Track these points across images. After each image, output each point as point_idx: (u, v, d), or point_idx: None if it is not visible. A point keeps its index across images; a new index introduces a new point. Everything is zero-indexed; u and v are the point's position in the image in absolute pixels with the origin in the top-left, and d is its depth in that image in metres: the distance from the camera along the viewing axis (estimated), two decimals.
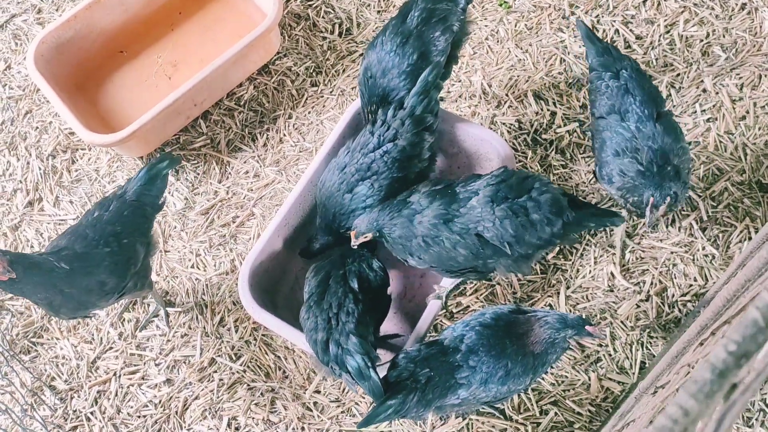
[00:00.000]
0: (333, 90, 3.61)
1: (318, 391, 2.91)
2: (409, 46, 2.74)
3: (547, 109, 3.40)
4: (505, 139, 3.34)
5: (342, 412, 2.86)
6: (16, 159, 3.57)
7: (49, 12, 4.01)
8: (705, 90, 3.37)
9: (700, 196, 3.11)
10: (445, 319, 2.97)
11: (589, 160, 3.26)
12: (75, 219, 3.35)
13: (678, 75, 3.42)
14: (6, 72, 3.85)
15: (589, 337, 2.23)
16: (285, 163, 3.44)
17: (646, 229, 2.58)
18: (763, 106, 3.29)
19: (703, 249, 3.02)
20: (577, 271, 3.04)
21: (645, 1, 3.63)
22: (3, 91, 3.77)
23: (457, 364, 2.26)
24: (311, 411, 2.87)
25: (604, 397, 2.79)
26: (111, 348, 3.07)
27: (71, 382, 3.01)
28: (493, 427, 2.77)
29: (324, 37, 3.77)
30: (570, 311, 2.94)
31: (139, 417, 2.93)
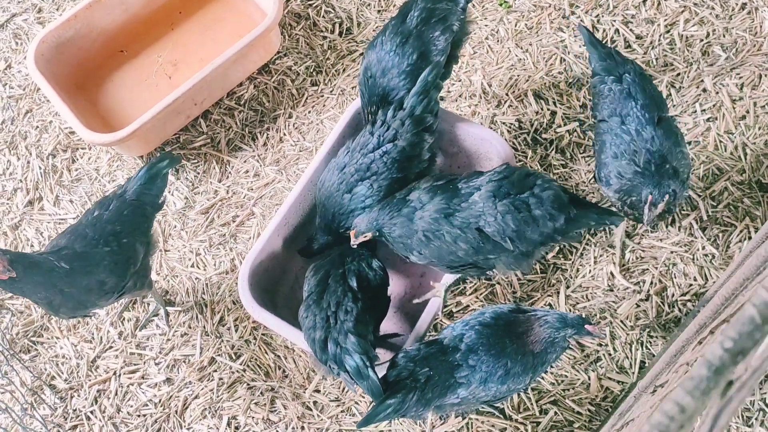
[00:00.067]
0: (333, 89, 3.61)
1: (318, 391, 2.91)
2: (409, 46, 2.74)
3: (547, 109, 3.40)
4: (505, 138, 3.34)
5: (342, 412, 2.86)
6: (16, 158, 3.57)
7: (49, 11, 4.02)
8: (705, 90, 3.37)
9: (700, 196, 3.11)
10: (445, 319, 2.97)
11: (589, 160, 3.26)
12: (75, 218, 3.35)
13: (678, 75, 3.42)
14: (6, 71, 3.85)
15: (589, 336, 2.23)
16: (285, 163, 3.44)
17: (646, 228, 2.58)
18: (763, 105, 3.29)
19: (703, 249, 3.02)
20: (577, 270, 3.04)
21: (645, 1, 3.63)
22: (3, 90, 3.78)
23: (456, 364, 2.26)
24: (311, 410, 2.87)
25: (604, 396, 2.79)
26: (111, 347, 3.08)
27: (71, 381, 3.02)
28: (492, 426, 2.77)
29: (324, 37, 3.77)
30: (570, 311, 2.94)
31: (139, 416, 2.93)
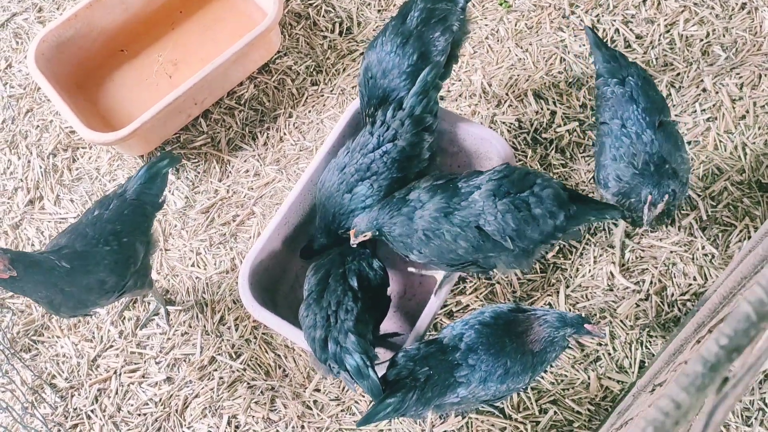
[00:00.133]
0: (333, 89, 3.62)
1: (318, 390, 2.92)
2: (409, 46, 2.74)
3: (547, 109, 3.40)
4: (505, 138, 3.34)
5: (342, 411, 2.86)
6: (17, 157, 3.57)
7: (49, 11, 4.02)
8: (705, 89, 3.37)
9: (699, 196, 3.12)
10: (445, 318, 2.98)
11: (589, 160, 3.26)
12: (75, 217, 3.36)
13: (678, 74, 3.42)
14: (7, 71, 3.85)
15: (589, 335, 2.24)
16: (285, 162, 3.44)
17: (646, 227, 2.58)
18: (763, 105, 3.29)
19: (703, 248, 3.02)
20: (577, 270, 3.05)
21: (645, 1, 3.63)
22: (4, 89, 3.78)
23: (456, 363, 2.26)
24: (311, 409, 2.88)
25: (604, 395, 2.80)
26: (111, 346, 3.08)
27: (72, 380, 3.02)
28: (492, 425, 2.77)
29: (324, 36, 3.77)
30: (570, 310, 2.95)
31: (139, 415, 2.93)
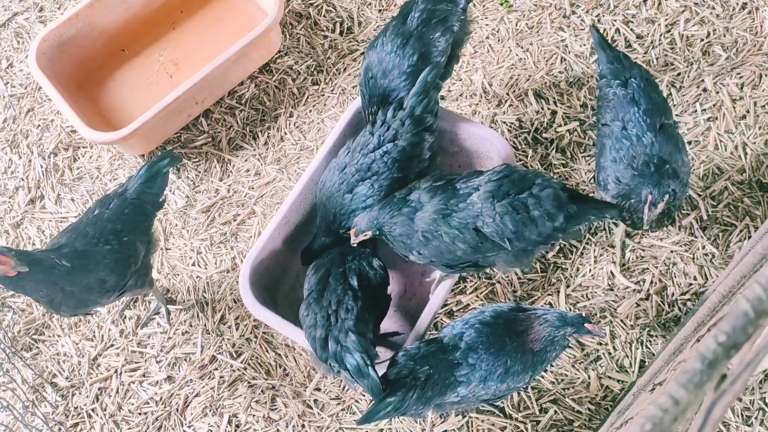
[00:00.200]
0: (334, 89, 3.62)
1: (318, 389, 2.92)
2: (410, 47, 2.74)
3: (548, 108, 3.40)
4: (506, 137, 3.34)
5: (342, 410, 2.87)
6: (18, 157, 3.58)
7: (50, 10, 4.02)
8: (705, 89, 3.37)
9: (700, 196, 3.12)
10: (445, 317, 2.98)
11: (589, 159, 3.27)
12: (76, 217, 3.36)
13: (678, 74, 3.43)
14: (8, 70, 3.86)
15: (589, 335, 2.24)
16: (286, 162, 3.45)
17: (646, 228, 2.58)
18: (764, 105, 3.29)
19: (703, 248, 3.02)
20: (577, 269, 3.05)
21: (646, 1, 3.64)
22: (5, 89, 3.79)
23: (456, 362, 2.26)
24: (312, 408, 2.88)
25: (604, 395, 2.80)
26: (112, 345, 3.08)
27: (72, 379, 3.03)
28: (492, 425, 2.78)
29: (325, 36, 3.77)
30: (570, 310, 2.95)
31: (140, 414, 2.94)
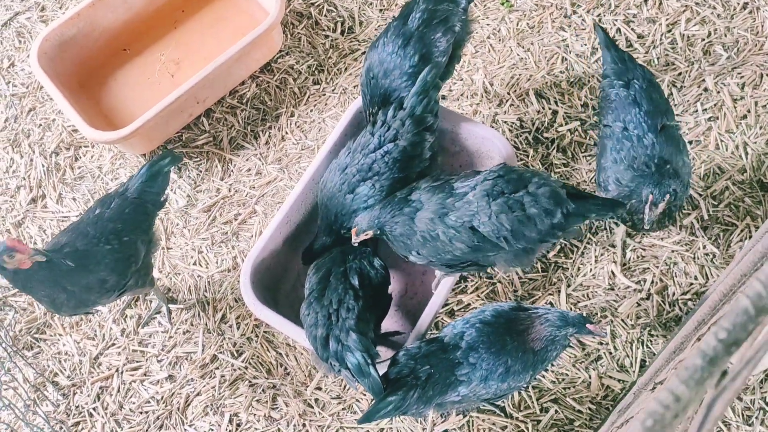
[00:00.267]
0: (335, 88, 3.62)
1: (319, 388, 2.92)
2: (411, 47, 2.74)
3: (549, 108, 3.41)
4: (507, 137, 3.34)
5: (343, 409, 2.87)
6: (19, 156, 3.58)
7: (52, 10, 4.03)
8: (706, 89, 3.37)
9: (700, 195, 3.12)
10: (446, 317, 2.98)
11: (590, 159, 3.27)
12: (78, 216, 3.36)
13: (679, 74, 3.43)
14: (9, 69, 3.86)
15: (590, 335, 2.24)
16: (287, 161, 3.45)
17: (647, 228, 2.58)
18: (765, 105, 3.29)
19: (704, 248, 3.02)
20: (578, 269, 3.05)
21: (646, 0, 3.64)
22: (7, 88, 3.79)
23: (457, 361, 2.27)
24: (312, 408, 2.88)
25: (605, 395, 2.80)
26: (113, 344, 3.09)
27: (74, 378, 3.03)
28: (493, 424, 2.78)
29: (326, 36, 3.77)
30: (571, 309, 2.95)
31: (141, 413, 2.94)
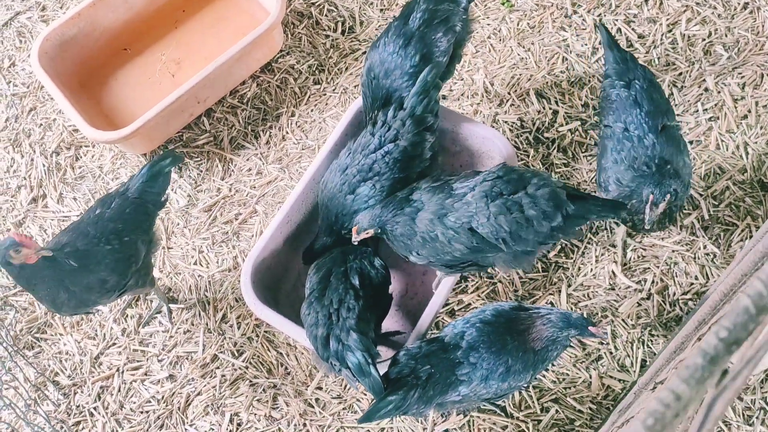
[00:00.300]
0: (336, 88, 3.62)
1: (320, 388, 2.92)
2: (412, 47, 2.74)
3: (549, 108, 3.41)
4: (507, 137, 3.34)
5: (344, 409, 2.87)
6: (20, 156, 3.58)
7: (53, 9, 4.03)
8: (707, 89, 3.37)
9: (701, 195, 3.12)
10: (447, 317, 2.98)
11: (591, 159, 3.27)
12: (78, 216, 3.36)
13: (680, 74, 3.43)
14: (10, 69, 3.86)
15: (592, 337, 2.23)
16: (288, 161, 3.45)
17: (647, 228, 2.58)
18: (765, 105, 3.29)
19: (705, 248, 3.02)
20: (579, 269, 3.05)
21: (647, 0, 3.64)
22: (7, 88, 3.79)
23: (457, 361, 2.27)
24: (313, 407, 2.88)
25: (605, 394, 2.80)
26: (114, 344, 3.09)
27: (74, 378, 3.03)
28: (494, 424, 2.78)
29: (327, 35, 3.78)
30: (571, 309, 2.95)
31: (141, 412, 2.94)
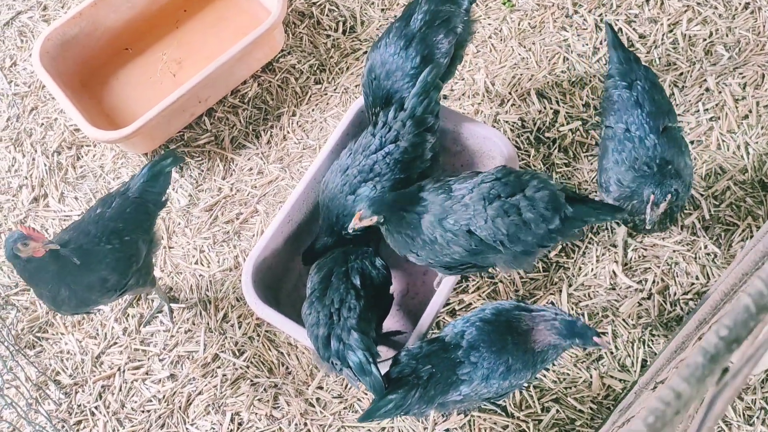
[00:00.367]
0: (337, 88, 3.63)
1: (321, 387, 2.93)
2: (413, 48, 2.73)
3: (550, 108, 3.41)
4: (508, 137, 3.34)
5: (344, 408, 2.87)
6: (21, 155, 3.59)
7: (54, 9, 4.03)
8: (708, 89, 3.37)
9: (702, 195, 3.12)
10: (448, 316, 2.98)
11: (592, 159, 3.27)
12: (80, 215, 3.36)
13: (681, 74, 3.43)
14: (12, 69, 3.87)
15: (596, 347, 2.20)
16: (289, 161, 3.45)
17: (648, 228, 2.59)
18: (766, 105, 3.29)
19: (705, 248, 3.02)
20: (580, 269, 3.05)
21: (648, 0, 3.64)
22: (9, 87, 3.80)
23: (458, 361, 2.27)
24: (314, 407, 2.89)
25: (606, 394, 2.80)
26: (115, 343, 3.09)
27: (76, 377, 3.04)
28: (494, 423, 2.78)
29: (328, 35, 3.78)
30: (572, 309, 2.95)
31: (142, 412, 2.95)
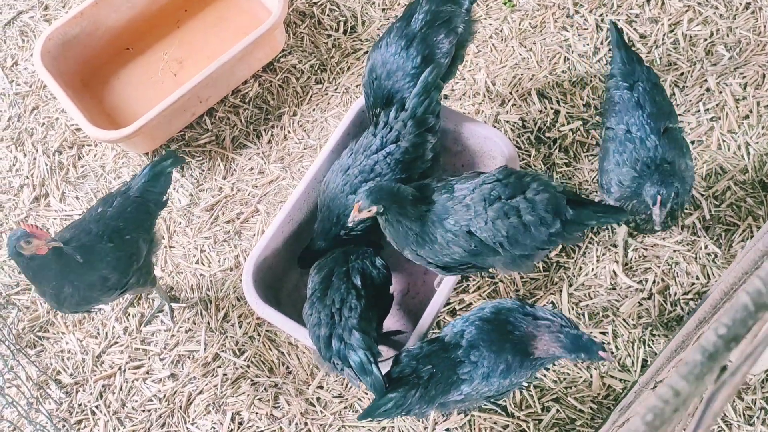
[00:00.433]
0: (337, 87, 3.63)
1: (321, 387, 2.93)
2: (414, 48, 2.73)
3: (551, 108, 3.41)
4: (509, 137, 3.34)
5: (345, 408, 2.88)
6: (22, 155, 3.59)
7: (55, 9, 4.04)
8: (709, 89, 3.37)
9: (702, 195, 3.12)
10: (448, 316, 2.99)
11: (592, 159, 3.27)
12: (81, 214, 3.37)
13: (682, 74, 3.43)
14: (13, 68, 3.87)
15: (601, 360, 2.18)
16: (289, 160, 3.46)
17: (658, 229, 2.58)
18: (767, 105, 3.29)
19: (706, 248, 3.03)
20: (580, 269, 3.05)
21: (649, 0, 3.64)
22: (10, 87, 3.80)
23: (458, 360, 2.27)
24: (314, 406, 2.89)
25: (606, 394, 2.80)
26: (116, 343, 3.10)
27: (76, 376, 3.04)
28: (495, 423, 2.78)
29: (329, 35, 3.78)
30: (572, 309, 2.96)
31: (143, 411, 2.95)
